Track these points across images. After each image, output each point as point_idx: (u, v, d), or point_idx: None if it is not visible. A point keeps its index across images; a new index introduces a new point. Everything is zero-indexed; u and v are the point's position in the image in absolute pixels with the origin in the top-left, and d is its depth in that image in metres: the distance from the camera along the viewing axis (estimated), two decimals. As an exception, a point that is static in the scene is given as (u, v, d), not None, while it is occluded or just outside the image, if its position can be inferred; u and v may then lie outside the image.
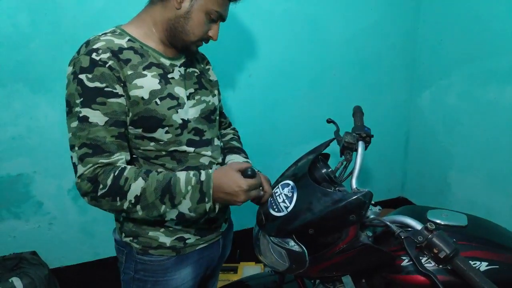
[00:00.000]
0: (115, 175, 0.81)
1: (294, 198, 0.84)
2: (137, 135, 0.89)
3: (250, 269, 1.97)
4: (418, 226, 0.73)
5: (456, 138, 2.04)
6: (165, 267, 0.98)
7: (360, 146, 1.00)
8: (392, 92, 2.27)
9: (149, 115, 0.87)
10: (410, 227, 0.76)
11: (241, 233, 1.90)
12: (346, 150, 1.02)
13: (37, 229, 1.76)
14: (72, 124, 0.82)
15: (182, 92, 0.94)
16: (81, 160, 0.81)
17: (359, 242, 0.79)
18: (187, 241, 0.99)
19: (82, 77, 0.81)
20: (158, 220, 0.95)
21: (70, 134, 0.83)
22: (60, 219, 1.78)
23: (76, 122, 0.82)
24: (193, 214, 0.85)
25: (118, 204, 0.82)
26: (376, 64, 2.16)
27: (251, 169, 0.88)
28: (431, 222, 0.75)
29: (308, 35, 1.94)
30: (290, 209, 0.83)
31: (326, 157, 1.03)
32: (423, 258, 0.75)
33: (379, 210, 0.87)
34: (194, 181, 0.84)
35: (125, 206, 0.82)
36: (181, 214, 0.85)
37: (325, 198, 0.79)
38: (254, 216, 0.96)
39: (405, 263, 0.81)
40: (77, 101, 0.82)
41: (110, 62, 0.82)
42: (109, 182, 0.80)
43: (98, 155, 0.81)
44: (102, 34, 0.88)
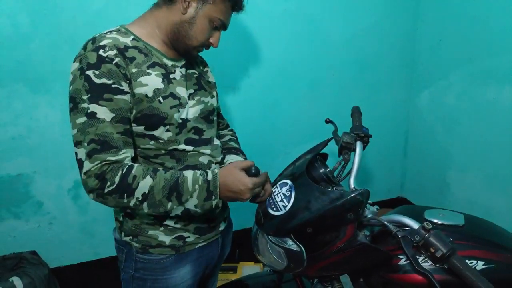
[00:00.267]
0: (123, 173, 0.82)
1: (292, 197, 0.84)
2: (138, 133, 0.90)
3: (249, 268, 1.97)
4: (415, 226, 0.74)
5: (455, 138, 2.04)
6: (164, 266, 0.99)
7: (358, 146, 1.01)
8: (391, 92, 2.27)
9: (151, 113, 0.88)
10: (407, 227, 0.76)
11: (240, 232, 1.90)
12: (344, 150, 1.02)
13: (37, 229, 1.76)
14: (78, 120, 0.82)
15: (183, 92, 0.95)
16: (89, 156, 0.81)
17: (357, 241, 0.80)
18: (187, 239, 1.00)
19: (90, 73, 0.81)
20: (157, 219, 0.96)
21: (75, 130, 0.82)
22: (60, 219, 1.78)
23: (83, 118, 0.81)
24: (198, 210, 0.88)
25: (125, 201, 0.83)
26: (375, 64, 2.16)
27: (255, 167, 0.92)
28: (428, 221, 0.75)
29: (307, 35, 1.94)
30: (288, 208, 0.84)
31: (325, 157, 1.03)
32: (420, 257, 0.76)
33: (377, 209, 0.87)
34: (201, 180, 0.87)
35: (131, 203, 0.83)
36: (186, 211, 0.88)
37: (323, 197, 0.79)
38: (253, 215, 0.96)
39: (402, 262, 0.82)
40: (83, 97, 0.81)
41: (117, 59, 0.83)
42: (117, 179, 0.81)
43: (106, 151, 0.82)
44: (107, 32, 0.89)
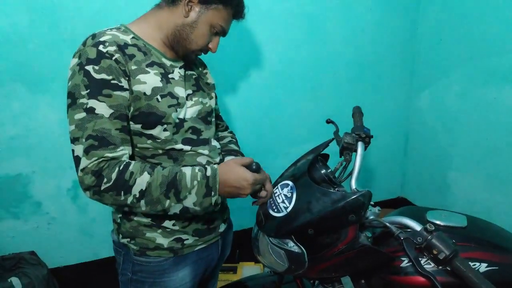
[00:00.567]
0: (120, 169, 0.80)
1: (294, 198, 0.84)
2: (135, 132, 0.89)
3: (249, 269, 1.96)
4: (418, 227, 0.73)
5: (455, 138, 2.04)
6: (162, 268, 0.98)
7: (359, 146, 1.00)
8: (391, 92, 2.27)
9: (149, 111, 0.87)
10: (410, 228, 0.76)
11: (240, 233, 1.90)
12: (346, 150, 1.01)
13: (36, 229, 1.75)
14: (76, 115, 0.80)
15: (182, 92, 0.94)
16: (86, 152, 0.79)
17: (359, 243, 0.79)
18: (185, 242, 0.99)
19: (89, 68, 0.80)
20: (155, 221, 0.95)
21: (73, 126, 0.81)
22: (59, 219, 1.78)
23: (82, 114, 0.80)
24: (197, 208, 0.85)
25: (122, 198, 0.81)
26: (375, 64, 2.15)
27: (256, 163, 0.90)
28: (431, 223, 0.74)
29: (307, 35, 1.93)
30: (289, 209, 0.83)
31: (326, 157, 1.02)
32: (423, 259, 0.75)
33: (379, 210, 0.86)
34: (200, 176, 0.85)
35: (128, 201, 0.81)
36: (185, 209, 0.85)
37: (324, 198, 0.79)
38: (253, 216, 0.96)
39: (404, 264, 0.81)
40: (82, 92, 0.80)
41: (117, 56, 0.82)
42: (114, 176, 0.79)
43: (103, 148, 0.80)
44: (107, 29, 0.88)
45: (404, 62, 2.23)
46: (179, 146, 0.94)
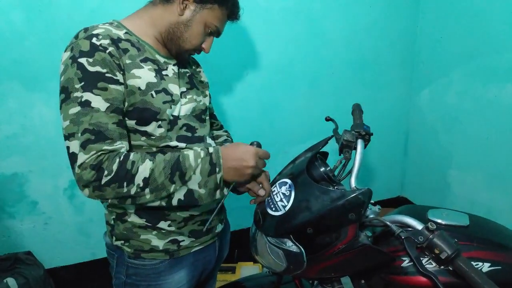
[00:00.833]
0: (121, 160, 0.76)
1: (292, 196, 0.82)
2: (129, 128, 0.87)
3: (248, 269, 1.95)
4: (419, 226, 0.72)
5: (456, 137, 2.03)
6: (158, 271, 0.95)
7: (359, 144, 0.98)
8: (391, 90, 2.26)
9: (144, 107, 0.85)
10: (411, 227, 0.74)
11: (238, 232, 1.89)
12: (345, 148, 0.99)
13: (32, 229, 1.74)
14: (71, 110, 0.77)
15: (176, 89, 0.93)
16: (83, 147, 0.75)
17: (358, 243, 0.77)
18: (181, 243, 0.97)
19: (82, 61, 0.78)
20: (150, 222, 0.92)
21: (67, 122, 0.77)
22: (55, 219, 1.76)
23: (77, 108, 0.77)
24: (202, 191, 0.82)
25: (125, 190, 0.76)
26: (375, 62, 2.14)
27: (256, 142, 0.91)
28: (432, 222, 0.73)
29: (306, 33, 1.92)
30: (287, 208, 0.81)
31: (325, 155, 1.01)
32: (424, 259, 0.74)
33: (379, 209, 0.85)
34: (203, 153, 0.83)
35: (132, 192, 0.77)
36: (189, 192, 0.81)
37: (323, 196, 0.77)
38: (251, 215, 0.94)
39: (405, 264, 0.79)
40: (76, 85, 0.77)
41: (110, 49, 0.80)
42: (114, 167, 0.75)
43: (101, 142, 0.76)
44: (99, 24, 0.86)
45: (404, 61, 2.22)
46: (174, 143, 0.92)
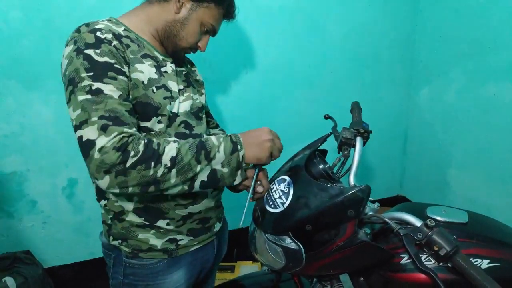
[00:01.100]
0: (146, 142, 0.74)
1: (291, 193, 0.82)
2: None
3: (247, 268, 1.95)
4: (418, 223, 0.72)
5: (455, 136, 2.02)
6: (156, 271, 0.95)
7: (358, 142, 0.98)
8: (390, 89, 2.26)
9: (146, 101, 0.85)
10: (410, 224, 0.74)
11: (237, 231, 1.88)
12: (344, 146, 0.99)
13: (30, 228, 1.73)
14: (81, 98, 0.74)
15: (175, 86, 0.93)
16: (103, 130, 0.71)
17: (357, 240, 0.77)
18: (180, 242, 0.96)
19: (90, 52, 0.77)
20: (149, 221, 0.92)
21: (78, 111, 0.73)
22: (54, 218, 1.76)
23: (88, 96, 0.74)
24: (226, 170, 0.81)
25: (151, 172, 0.73)
26: (374, 61, 2.14)
27: None
28: (431, 219, 0.73)
29: (305, 32, 1.92)
30: (286, 205, 0.81)
31: (324, 153, 1.01)
32: (423, 256, 0.74)
33: (378, 206, 0.84)
34: (223, 135, 0.84)
35: (159, 173, 0.74)
36: (213, 172, 0.80)
37: (322, 193, 0.77)
38: (250, 213, 0.93)
39: (404, 261, 0.79)
40: (83, 75, 0.75)
41: (115, 43, 0.81)
42: (141, 148, 0.72)
43: (120, 126, 0.73)
44: (99, 20, 0.86)
45: (403, 59, 2.22)
46: (173, 139, 0.91)
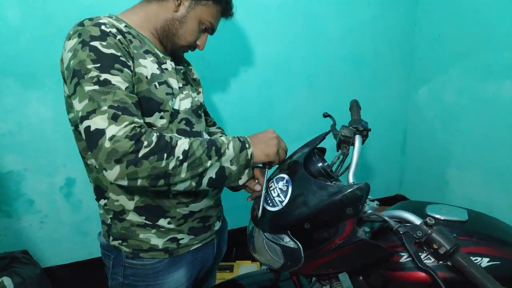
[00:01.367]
0: (158, 135, 0.74)
1: (289, 192, 0.81)
2: None
3: (246, 267, 1.95)
4: (417, 221, 0.71)
5: (454, 135, 2.02)
6: (157, 271, 0.94)
7: (357, 140, 0.97)
8: (389, 88, 2.25)
9: (149, 96, 0.84)
10: (409, 222, 0.73)
11: (236, 231, 1.87)
12: (343, 144, 0.98)
13: (28, 227, 1.72)
14: (89, 89, 0.72)
15: (175, 83, 0.93)
16: (114, 119, 0.70)
17: (356, 238, 0.77)
18: (181, 241, 0.96)
19: (96, 44, 0.76)
20: (149, 220, 0.92)
21: (86, 101, 0.72)
22: (52, 218, 1.75)
23: (95, 86, 0.72)
24: (234, 167, 0.83)
25: (163, 164, 0.72)
26: (373, 59, 2.14)
27: None
28: (431, 217, 0.72)
29: (304, 31, 1.91)
30: (285, 203, 0.80)
31: (323, 151, 1.00)
32: (423, 254, 0.73)
33: (377, 205, 0.84)
34: (230, 136, 0.87)
35: (170, 166, 0.73)
36: (221, 169, 0.82)
37: (321, 191, 0.76)
38: (249, 213, 0.93)
39: (403, 260, 0.79)
40: (89, 66, 0.74)
41: (119, 37, 0.81)
42: (154, 138, 0.72)
43: (130, 115, 0.73)
44: (101, 16, 0.85)
45: (402, 58, 2.21)
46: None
